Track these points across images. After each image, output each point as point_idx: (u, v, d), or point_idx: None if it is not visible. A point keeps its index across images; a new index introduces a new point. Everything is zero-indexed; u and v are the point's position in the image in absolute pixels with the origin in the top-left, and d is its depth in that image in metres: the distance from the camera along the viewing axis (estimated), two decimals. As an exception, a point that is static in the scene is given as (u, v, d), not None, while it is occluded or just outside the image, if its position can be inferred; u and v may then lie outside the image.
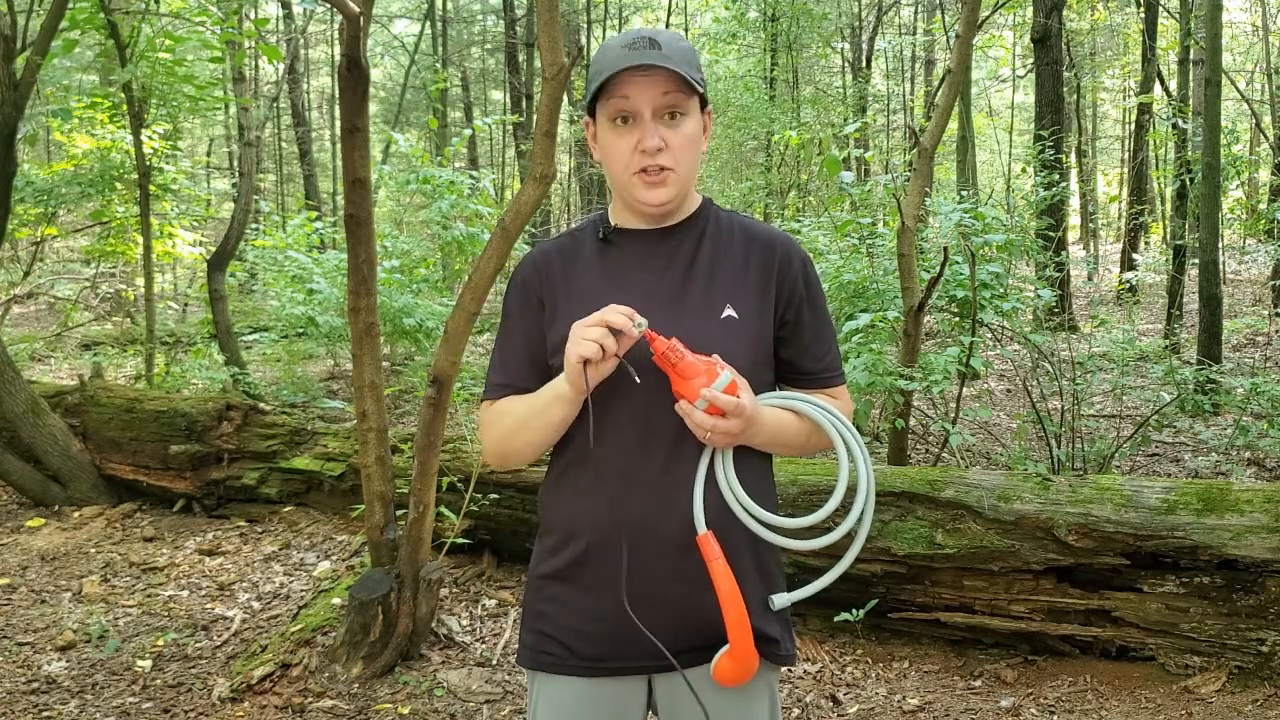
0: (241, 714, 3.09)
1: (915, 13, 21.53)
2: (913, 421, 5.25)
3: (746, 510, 1.41)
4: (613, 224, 1.54)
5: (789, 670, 3.33)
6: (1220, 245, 8.07)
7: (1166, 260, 9.84)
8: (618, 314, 1.34)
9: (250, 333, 9.66)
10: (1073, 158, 17.55)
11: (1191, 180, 8.76)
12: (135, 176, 7.60)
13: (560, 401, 1.41)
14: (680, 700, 1.51)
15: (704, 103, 1.48)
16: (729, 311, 1.46)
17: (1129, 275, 11.74)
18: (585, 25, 21.04)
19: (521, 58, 18.85)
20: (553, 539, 1.51)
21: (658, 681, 1.52)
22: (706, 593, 1.40)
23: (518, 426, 1.48)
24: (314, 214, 10.20)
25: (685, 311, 1.46)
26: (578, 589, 1.48)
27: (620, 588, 1.41)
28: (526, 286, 1.53)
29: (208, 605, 3.99)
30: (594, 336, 1.33)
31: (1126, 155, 19.00)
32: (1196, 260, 7.18)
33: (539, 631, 1.51)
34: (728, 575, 1.37)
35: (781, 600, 1.49)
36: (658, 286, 1.48)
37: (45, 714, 3.11)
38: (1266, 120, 12.46)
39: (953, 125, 11.97)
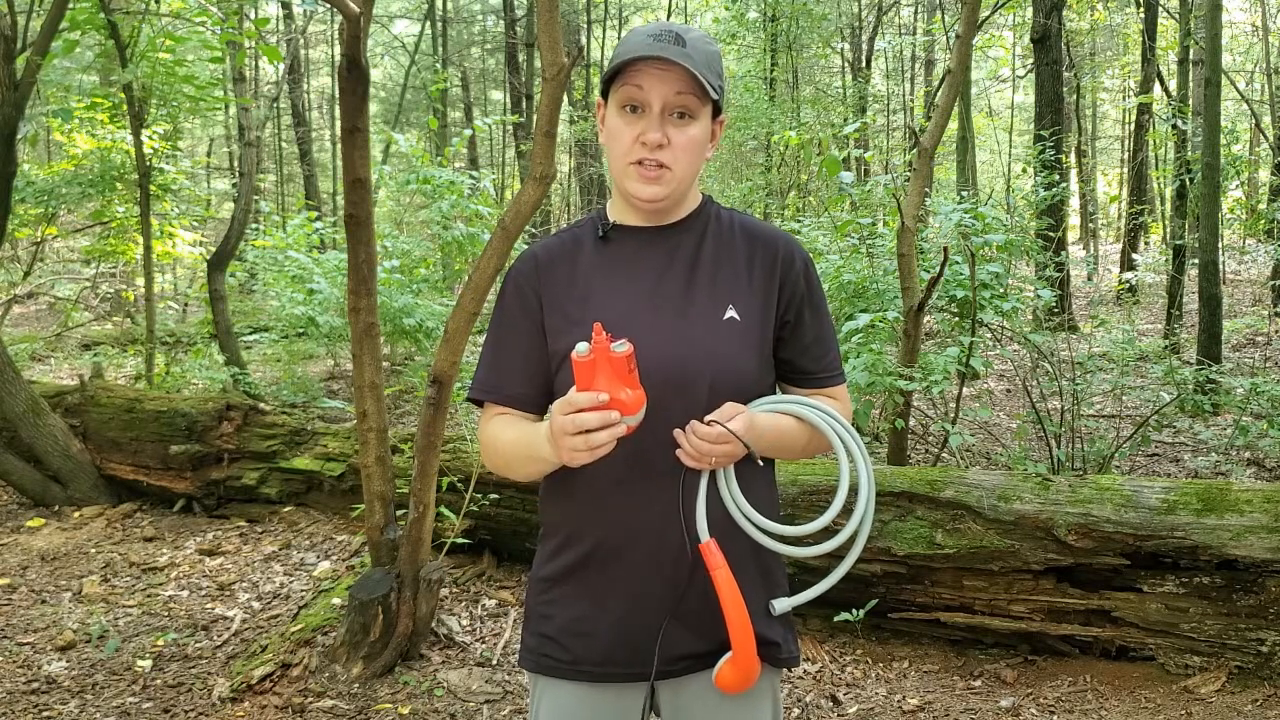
0: (241, 714, 3.09)
1: (915, 13, 21.51)
2: (913, 421, 5.25)
3: (749, 519, 1.40)
4: (612, 221, 1.52)
5: (789, 670, 3.33)
6: (1220, 245, 8.07)
7: (1166, 260, 9.84)
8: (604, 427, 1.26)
9: (250, 333, 9.68)
10: (1073, 158, 17.54)
11: (1191, 180, 8.76)
12: (135, 177, 7.60)
13: (546, 460, 1.37)
14: (684, 706, 1.50)
15: (717, 110, 1.45)
16: (731, 313, 1.44)
17: (1129, 275, 11.74)
18: (585, 25, 21.05)
19: (521, 58, 18.86)
20: (554, 542, 1.50)
21: (661, 687, 1.50)
22: (708, 599, 1.39)
23: (509, 460, 1.48)
24: (314, 214, 10.19)
25: (688, 313, 1.44)
26: (579, 593, 1.46)
27: (622, 596, 1.42)
28: (525, 285, 1.50)
29: (208, 605, 3.99)
30: (603, 441, 1.26)
31: (1126, 155, 18.98)
32: (1196, 260, 7.18)
33: (541, 634, 1.50)
34: (731, 583, 1.36)
35: (782, 605, 1.48)
36: (659, 287, 1.46)
37: (45, 714, 3.11)
38: (1266, 120, 12.45)
39: (953, 125, 11.96)
